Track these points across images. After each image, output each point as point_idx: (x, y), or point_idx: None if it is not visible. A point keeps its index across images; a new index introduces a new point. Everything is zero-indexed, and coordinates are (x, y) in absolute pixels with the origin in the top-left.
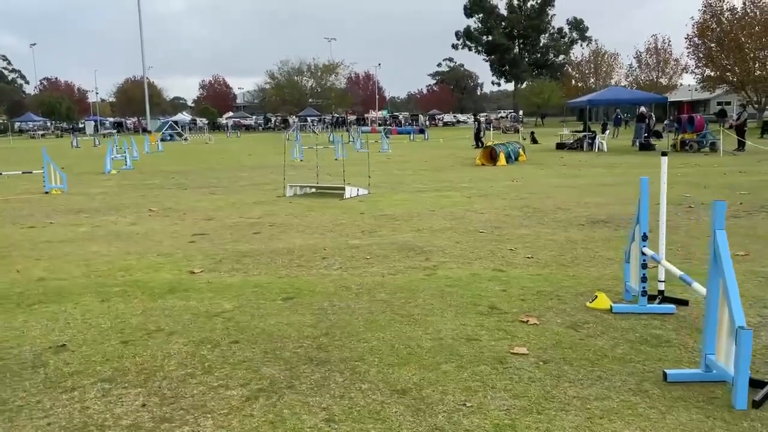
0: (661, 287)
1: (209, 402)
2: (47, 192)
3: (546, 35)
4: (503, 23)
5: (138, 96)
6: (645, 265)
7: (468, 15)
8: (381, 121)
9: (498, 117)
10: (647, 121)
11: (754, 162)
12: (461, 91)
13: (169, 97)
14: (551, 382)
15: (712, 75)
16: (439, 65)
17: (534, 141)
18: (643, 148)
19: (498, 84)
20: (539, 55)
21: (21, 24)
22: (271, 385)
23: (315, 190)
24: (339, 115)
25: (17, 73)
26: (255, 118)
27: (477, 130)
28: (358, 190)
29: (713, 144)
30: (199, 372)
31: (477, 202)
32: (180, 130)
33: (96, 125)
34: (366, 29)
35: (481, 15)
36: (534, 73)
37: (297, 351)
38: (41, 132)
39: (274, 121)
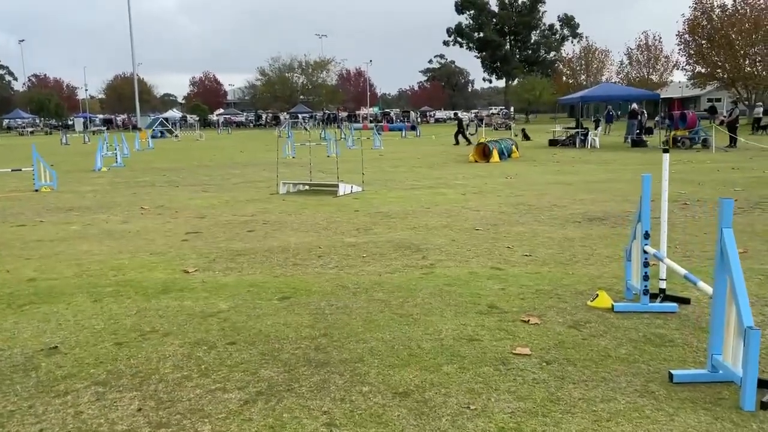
0: (663, 285)
1: (206, 406)
2: (37, 190)
3: (537, 32)
4: (494, 20)
5: (128, 93)
6: (647, 264)
7: (459, 11)
8: (372, 118)
9: (490, 114)
10: (639, 118)
11: (746, 158)
12: (452, 88)
13: (160, 94)
14: (555, 383)
15: (702, 72)
16: (431, 62)
17: (526, 137)
18: (636, 144)
19: (489, 81)
20: (530, 52)
21: (9, 20)
22: (270, 388)
23: (308, 187)
24: (330, 112)
25: (5, 70)
26: (246, 114)
27: (459, 128)
28: (351, 187)
29: (705, 141)
30: (196, 374)
31: (472, 199)
32: (170, 127)
33: (85, 122)
34: (357, 26)
35: (473, 11)
36: (525, 70)
37: (295, 352)
38: (30, 129)
39: (265, 118)
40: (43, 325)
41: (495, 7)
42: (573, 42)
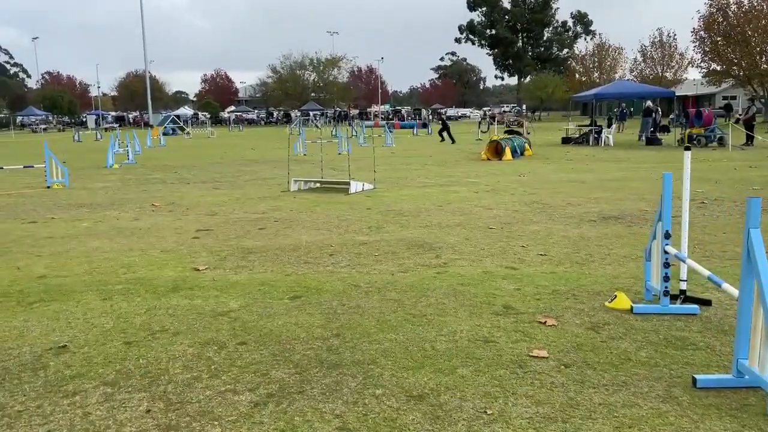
0: (683, 287)
1: (216, 408)
2: (49, 187)
3: (550, 29)
4: (507, 17)
5: (140, 90)
6: (668, 264)
7: (471, 8)
8: (384, 116)
9: (502, 111)
10: (654, 116)
11: (762, 157)
12: (464, 86)
13: (171, 91)
14: (575, 387)
15: (718, 69)
16: (442, 59)
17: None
18: (650, 142)
19: (501, 78)
20: (543, 49)
21: (23, 18)
22: (281, 390)
23: (320, 185)
24: (341, 110)
25: (19, 67)
26: (257, 112)
27: (443, 126)
28: (363, 185)
29: (721, 138)
30: (206, 375)
31: (485, 197)
32: (182, 124)
33: (97, 119)
34: (368, 23)
35: (485, 8)
36: (538, 67)
37: (307, 353)
38: (43, 126)
39: (276, 116)
40: (53, 324)
41: (507, 4)
42: (586, 39)
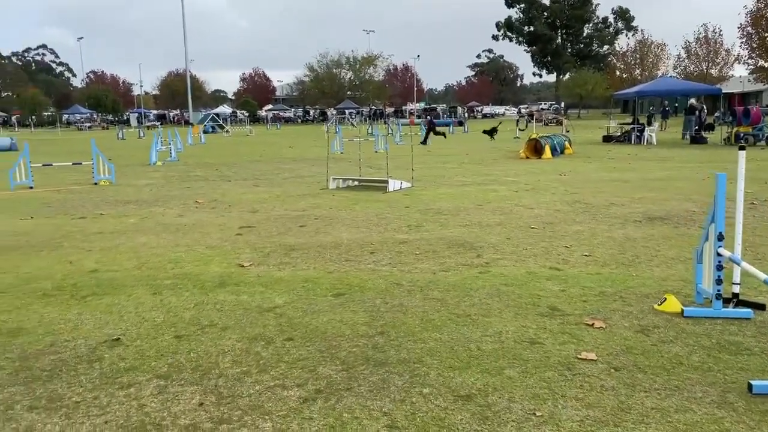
0: (736, 290)
1: (266, 403)
2: (96, 183)
3: (590, 25)
4: (545, 13)
5: (181, 89)
6: (720, 267)
7: (509, 5)
8: (418, 113)
9: (540, 109)
10: (698, 114)
11: None
12: (501, 83)
13: (210, 90)
14: (626, 391)
15: (765, 66)
16: (479, 56)
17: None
18: (695, 141)
19: (539, 75)
20: (582, 46)
21: (68, 18)
22: (329, 386)
23: (358, 183)
24: (377, 108)
25: (65, 67)
26: (294, 110)
27: (429, 128)
28: (401, 183)
29: None
30: (255, 370)
31: (525, 196)
32: (221, 122)
33: (139, 117)
34: (404, 21)
35: (523, 5)
36: (577, 64)
37: (353, 350)
38: (88, 124)
39: (312, 114)
40: (106, 317)
41: (546, 1)
42: (627, 35)
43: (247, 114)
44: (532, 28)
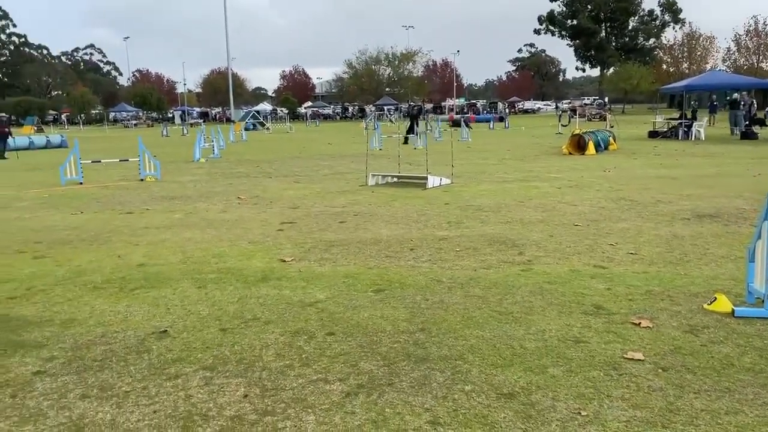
0: None
1: (309, 396)
2: (142, 179)
3: (635, 18)
4: (589, 6)
5: (222, 86)
6: None
7: None
8: (459, 109)
9: (583, 104)
10: (747, 108)
11: None
12: (543, 78)
13: (251, 88)
14: (674, 392)
15: None
16: (520, 51)
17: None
18: (745, 136)
19: (582, 70)
20: (627, 39)
21: (115, 18)
22: (371, 381)
23: (397, 179)
24: (416, 104)
25: (111, 65)
26: (333, 107)
27: (411, 123)
28: (441, 179)
29: None
30: (297, 364)
31: (568, 193)
32: (262, 119)
33: (182, 115)
34: (444, 16)
35: None
36: (622, 58)
37: (393, 346)
38: (134, 122)
39: (351, 111)
40: (153, 309)
41: None
42: (674, 28)
43: (287, 111)
44: (575, 21)
